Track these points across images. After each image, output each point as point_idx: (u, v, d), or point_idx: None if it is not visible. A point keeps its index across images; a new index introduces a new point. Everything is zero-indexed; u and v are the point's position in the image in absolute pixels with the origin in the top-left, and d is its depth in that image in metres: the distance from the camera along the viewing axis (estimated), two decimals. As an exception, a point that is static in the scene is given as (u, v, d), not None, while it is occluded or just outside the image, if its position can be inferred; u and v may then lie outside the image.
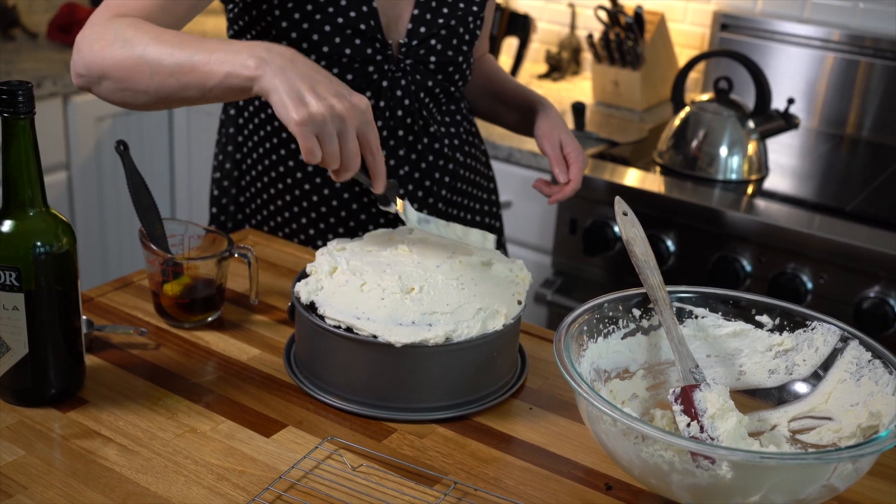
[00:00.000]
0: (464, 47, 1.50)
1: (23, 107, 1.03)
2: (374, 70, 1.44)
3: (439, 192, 1.57)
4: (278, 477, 1.02)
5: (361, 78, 1.44)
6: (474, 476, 1.05)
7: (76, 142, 2.66)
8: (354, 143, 1.06)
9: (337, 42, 1.40)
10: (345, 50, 1.41)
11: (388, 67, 1.45)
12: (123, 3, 1.23)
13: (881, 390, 1.02)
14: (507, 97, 1.64)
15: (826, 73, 2.52)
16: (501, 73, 1.70)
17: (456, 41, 1.49)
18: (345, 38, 1.40)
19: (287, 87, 1.03)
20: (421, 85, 1.48)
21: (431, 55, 1.47)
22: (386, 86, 1.46)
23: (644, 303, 1.13)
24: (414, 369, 1.13)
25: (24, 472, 1.01)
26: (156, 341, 1.28)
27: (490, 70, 1.70)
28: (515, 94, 1.63)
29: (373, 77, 1.44)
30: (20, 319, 1.08)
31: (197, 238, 1.35)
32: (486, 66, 1.70)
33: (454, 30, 1.48)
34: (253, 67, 1.06)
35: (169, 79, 1.12)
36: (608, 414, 0.92)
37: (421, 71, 1.47)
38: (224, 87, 1.09)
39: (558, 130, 1.48)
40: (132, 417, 1.12)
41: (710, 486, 0.91)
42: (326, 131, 1.03)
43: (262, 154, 1.55)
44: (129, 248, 2.88)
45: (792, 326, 1.12)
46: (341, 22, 1.39)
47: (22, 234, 1.06)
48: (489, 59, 1.73)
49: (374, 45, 1.42)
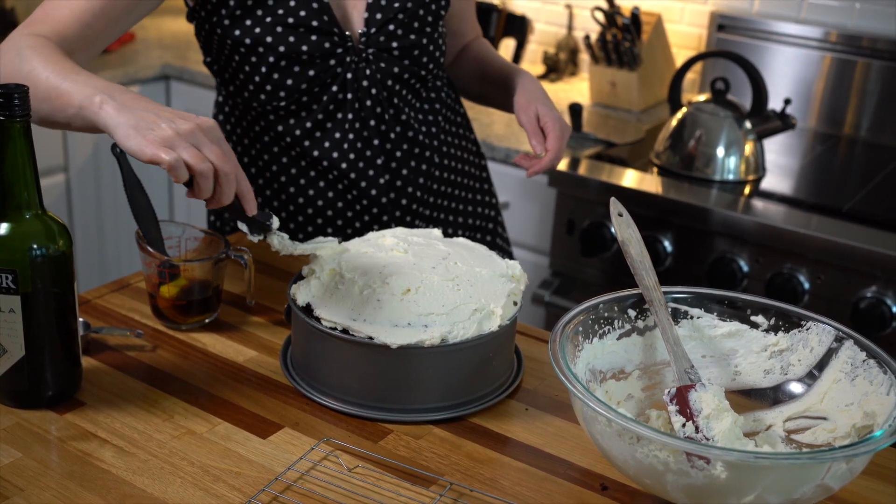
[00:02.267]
0: (427, 28, 1.48)
1: (18, 109, 1.03)
2: (336, 63, 1.43)
3: (416, 182, 1.56)
4: (274, 478, 1.03)
5: (325, 73, 1.43)
6: (470, 477, 1.05)
7: (74, 144, 2.67)
8: (215, 152, 1.04)
9: (292, 41, 1.40)
10: (301, 47, 1.40)
11: (350, 59, 1.44)
12: (46, 15, 1.27)
13: (876, 390, 1.02)
14: (492, 75, 1.63)
15: (823, 74, 2.52)
16: (490, 53, 1.67)
17: (417, 24, 1.47)
18: (299, 35, 1.40)
19: (131, 121, 1.04)
20: (387, 72, 1.47)
21: (393, 41, 1.46)
22: (350, 77, 1.45)
23: (639, 303, 1.13)
24: (410, 370, 1.13)
25: (20, 475, 1.02)
26: (152, 343, 1.28)
27: (480, 52, 1.68)
28: (500, 72, 1.61)
29: (336, 70, 1.44)
30: (17, 322, 1.08)
31: (194, 240, 1.35)
32: (475, 48, 1.69)
33: (412, 12, 1.46)
34: (98, 103, 1.07)
35: (42, 102, 1.15)
36: (603, 415, 0.93)
37: (385, 59, 1.46)
38: (81, 118, 1.11)
39: (535, 102, 1.45)
40: (129, 419, 1.12)
41: (704, 486, 0.91)
42: (181, 145, 1.02)
43: (249, 162, 1.57)
44: (126, 250, 2.88)
45: (787, 326, 1.12)
46: (292, 21, 1.39)
47: (18, 237, 1.07)
48: (481, 42, 1.70)
49: (331, 38, 1.42)
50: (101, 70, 2.69)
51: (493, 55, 1.67)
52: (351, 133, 1.50)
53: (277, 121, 1.49)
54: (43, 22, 1.26)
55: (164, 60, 2.83)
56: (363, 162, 1.51)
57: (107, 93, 1.08)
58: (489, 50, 1.68)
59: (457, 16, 1.63)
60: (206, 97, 2.77)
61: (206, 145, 1.04)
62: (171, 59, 2.84)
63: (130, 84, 2.77)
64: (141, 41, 3.03)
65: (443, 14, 1.51)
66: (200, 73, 2.75)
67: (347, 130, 1.50)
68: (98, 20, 1.28)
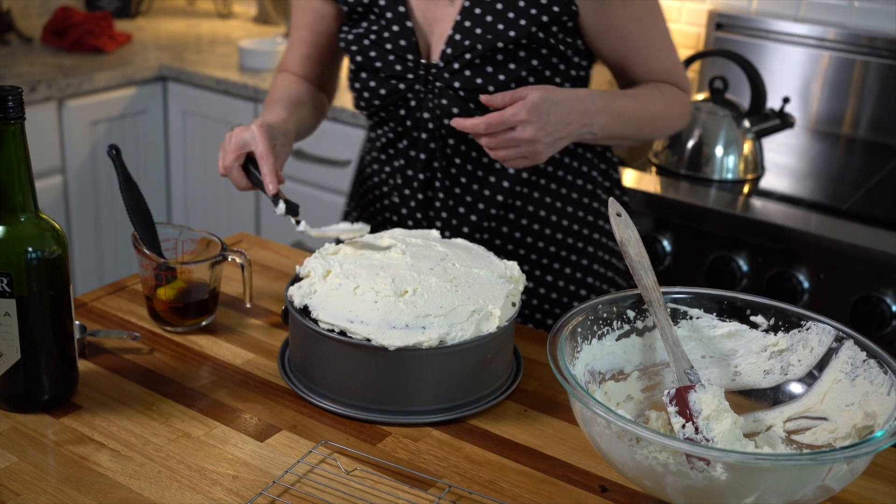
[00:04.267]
0: (500, 76, 1.38)
1: (13, 112, 1.03)
2: (405, 88, 1.42)
3: (459, 232, 1.48)
4: (272, 482, 1.02)
5: (395, 94, 1.43)
6: (469, 479, 1.05)
7: (71, 146, 2.66)
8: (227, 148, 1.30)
9: (372, 55, 1.43)
10: (376, 63, 1.43)
11: (418, 87, 1.42)
12: (285, 59, 1.60)
13: (876, 390, 1.01)
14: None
15: (822, 72, 2.51)
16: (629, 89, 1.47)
17: (492, 67, 1.38)
18: (379, 52, 1.43)
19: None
20: (446, 110, 1.41)
21: (457, 80, 1.39)
22: (414, 106, 1.43)
23: (638, 304, 1.13)
24: (408, 372, 1.13)
25: (16, 479, 1.01)
26: (149, 346, 1.28)
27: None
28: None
29: (406, 95, 1.43)
30: (12, 325, 1.08)
31: (190, 242, 1.35)
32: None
33: (490, 59, 1.38)
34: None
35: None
36: (602, 416, 0.92)
37: (449, 96, 1.40)
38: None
39: (536, 91, 1.30)
40: (125, 423, 1.11)
41: (704, 487, 0.91)
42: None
43: (368, 162, 1.59)
44: (124, 253, 2.88)
45: (787, 326, 1.12)
46: (375, 38, 1.43)
47: (13, 240, 1.06)
48: (662, 88, 1.46)
49: (405, 62, 1.42)
50: (100, 71, 2.68)
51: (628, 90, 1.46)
52: (404, 160, 1.49)
53: (370, 129, 1.56)
54: (282, 64, 1.60)
55: (161, 61, 2.82)
56: (407, 191, 1.49)
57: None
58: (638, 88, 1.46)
59: (615, 57, 1.44)
60: (203, 98, 2.77)
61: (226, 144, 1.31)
62: (168, 61, 2.83)
63: (128, 85, 2.76)
64: (138, 42, 3.03)
65: (532, 63, 1.38)
66: (197, 74, 2.74)
67: (403, 158, 1.49)
68: (311, 67, 1.57)
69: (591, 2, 1.37)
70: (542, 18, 1.36)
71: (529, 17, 1.36)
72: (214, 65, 2.81)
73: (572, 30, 1.40)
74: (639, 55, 1.43)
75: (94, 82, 2.66)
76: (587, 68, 1.47)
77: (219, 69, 2.76)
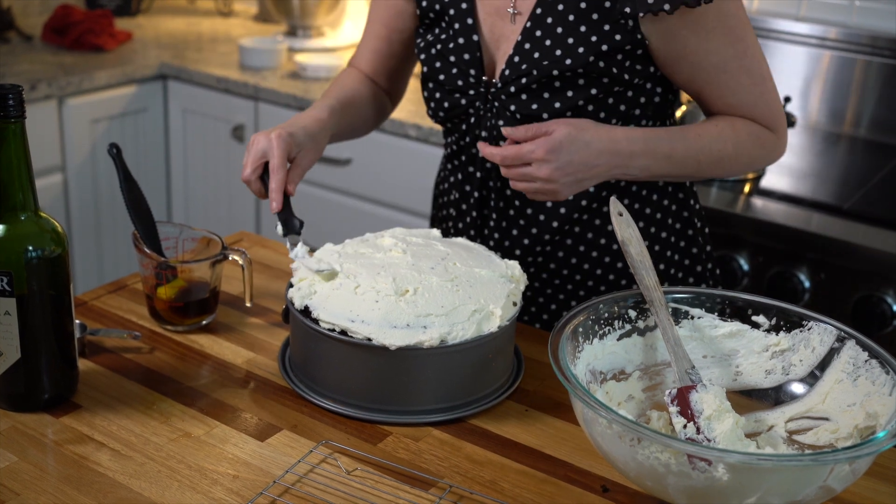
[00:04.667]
0: (556, 104, 1.30)
1: (13, 110, 1.03)
2: (466, 104, 1.37)
3: (526, 247, 1.42)
4: (273, 482, 1.02)
5: (457, 108, 1.39)
6: (470, 479, 1.05)
7: (71, 144, 2.66)
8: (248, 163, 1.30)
9: (437, 66, 1.39)
10: (440, 76, 1.38)
11: (478, 104, 1.37)
12: (355, 53, 1.57)
13: (878, 390, 1.01)
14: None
15: (823, 71, 2.51)
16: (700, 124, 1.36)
17: (548, 95, 1.30)
18: (444, 63, 1.38)
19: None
20: (502, 132, 1.33)
21: (513, 103, 1.33)
22: (473, 122, 1.38)
23: (640, 304, 1.13)
24: (409, 372, 1.13)
25: (16, 479, 1.01)
26: (150, 345, 1.28)
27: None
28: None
29: (468, 111, 1.38)
30: (12, 324, 1.07)
31: (191, 241, 1.35)
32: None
33: (547, 85, 1.30)
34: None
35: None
36: (604, 416, 0.92)
37: (505, 117, 1.34)
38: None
39: (564, 126, 1.25)
40: (126, 422, 1.11)
41: (706, 488, 0.90)
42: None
43: (440, 170, 1.56)
44: (124, 251, 2.88)
45: (788, 326, 1.12)
46: (441, 48, 1.38)
47: (13, 239, 1.06)
48: (738, 125, 1.34)
49: (466, 78, 1.36)
50: (100, 69, 2.68)
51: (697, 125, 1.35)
52: (461, 175, 1.45)
53: (444, 136, 1.51)
54: (352, 60, 1.57)
55: (161, 60, 2.82)
56: (464, 206, 1.46)
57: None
58: (706, 123, 1.35)
59: (690, 87, 1.34)
60: (203, 96, 2.76)
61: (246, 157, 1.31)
62: (168, 59, 2.83)
63: (128, 83, 2.76)
64: (138, 41, 3.02)
65: (591, 91, 1.30)
66: (198, 73, 2.74)
67: (461, 173, 1.45)
68: (381, 62, 1.53)
69: (660, 31, 1.26)
70: (602, 47, 1.27)
71: (589, 44, 1.27)
72: (215, 63, 2.80)
73: (642, 57, 1.29)
74: (714, 87, 1.31)
75: (95, 80, 2.66)
76: (663, 94, 1.36)
77: (219, 67, 2.76)
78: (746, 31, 1.29)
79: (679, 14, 1.23)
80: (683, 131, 1.32)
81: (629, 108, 1.33)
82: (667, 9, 1.21)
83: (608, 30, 1.27)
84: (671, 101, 1.39)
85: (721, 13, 1.25)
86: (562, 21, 1.28)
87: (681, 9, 1.22)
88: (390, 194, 2.49)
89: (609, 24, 1.26)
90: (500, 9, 1.35)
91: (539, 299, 1.44)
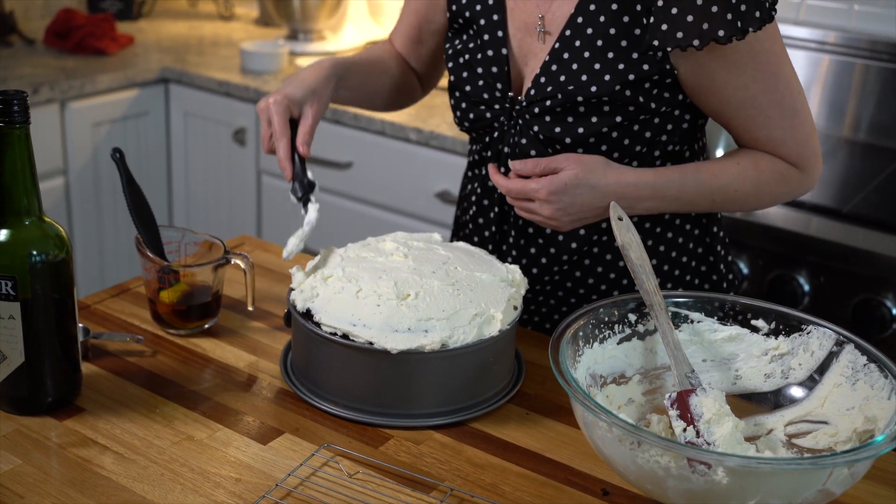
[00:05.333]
0: (580, 129, 1.27)
1: (18, 116, 1.03)
2: (491, 118, 1.36)
3: (543, 265, 1.40)
4: (275, 485, 1.02)
5: (481, 121, 1.37)
6: (471, 482, 1.05)
7: (73, 148, 2.66)
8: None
9: (464, 76, 1.37)
10: (465, 87, 1.37)
11: (503, 119, 1.35)
12: (392, 30, 1.57)
13: (877, 394, 1.02)
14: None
15: (822, 76, 2.52)
16: (717, 162, 1.32)
17: (572, 119, 1.27)
18: (471, 74, 1.36)
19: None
20: (524, 150, 1.33)
21: (536, 125, 1.30)
22: (497, 137, 1.37)
23: (640, 308, 1.13)
24: (410, 375, 1.13)
25: (20, 482, 1.01)
26: (152, 349, 1.28)
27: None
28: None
29: (493, 124, 1.36)
30: (16, 328, 1.08)
31: (193, 245, 1.35)
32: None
33: (572, 109, 1.27)
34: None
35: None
36: (604, 420, 0.93)
37: (529, 136, 1.32)
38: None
39: (573, 163, 1.24)
40: (129, 425, 1.12)
41: (706, 491, 0.91)
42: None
43: (464, 176, 1.53)
44: (126, 255, 2.88)
45: (787, 330, 1.12)
46: (469, 57, 1.36)
47: (17, 243, 1.07)
48: (762, 163, 1.30)
49: (492, 91, 1.34)
50: (102, 73, 2.69)
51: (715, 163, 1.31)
52: (482, 188, 1.43)
53: (470, 143, 1.50)
54: (390, 34, 1.58)
55: (163, 63, 2.83)
56: (481, 219, 1.44)
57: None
58: (727, 160, 1.31)
59: (717, 118, 1.31)
60: (205, 100, 2.77)
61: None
62: (170, 62, 2.84)
63: (130, 87, 2.77)
64: (140, 44, 3.03)
65: (616, 119, 1.26)
66: (199, 76, 2.75)
67: (481, 186, 1.43)
68: (412, 48, 1.53)
69: (689, 63, 1.23)
70: (629, 76, 1.24)
71: (616, 72, 1.24)
72: (216, 67, 2.81)
73: (671, 86, 1.26)
74: (742, 121, 1.28)
75: (97, 84, 2.67)
76: (692, 120, 1.32)
77: (220, 71, 2.77)
78: (781, 65, 1.24)
79: (709, 49, 1.20)
80: (699, 171, 1.29)
81: (655, 134, 1.29)
82: (696, 45, 1.18)
83: (636, 58, 1.24)
84: (700, 126, 1.37)
85: (753, 49, 1.21)
86: (590, 45, 1.26)
87: (711, 44, 1.19)
88: (391, 198, 2.49)
89: (637, 53, 1.23)
90: (529, 25, 1.33)
91: (555, 316, 1.43)
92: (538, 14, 1.31)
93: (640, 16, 1.22)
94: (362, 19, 3.10)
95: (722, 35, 1.17)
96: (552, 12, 1.30)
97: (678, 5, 1.18)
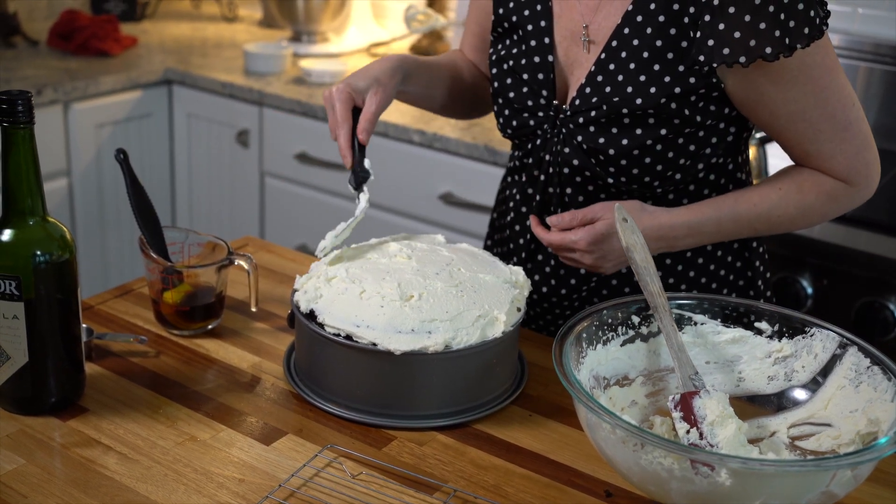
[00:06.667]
0: (623, 140, 1.26)
1: (22, 116, 1.03)
2: (534, 125, 1.34)
3: (557, 291, 1.40)
4: (278, 485, 1.03)
5: (524, 128, 1.35)
6: (474, 483, 1.05)
7: (77, 149, 2.67)
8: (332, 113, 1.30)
9: (508, 83, 1.35)
10: (509, 94, 1.35)
11: (546, 127, 1.33)
12: (462, 38, 1.57)
13: (880, 397, 1.02)
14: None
15: (825, 78, 2.52)
16: (754, 189, 1.32)
17: (616, 131, 1.26)
18: (515, 80, 1.35)
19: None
20: (567, 160, 1.31)
21: (579, 135, 1.29)
22: (539, 144, 1.35)
23: (643, 309, 1.13)
24: (413, 377, 1.13)
25: (24, 482, 1.01)
26: (156, 349, 1.28)
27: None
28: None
29: (536, 132, 1.35)
30: (20, 328, 1.08)
31: (197, 246, 1.35)
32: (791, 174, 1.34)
33: (616, 121, 1.26)
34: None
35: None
36: (607, 421, 0.93)
37: (572, 146, 1.30)
38: None
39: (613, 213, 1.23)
40: (132, 426, 1.12)
41: (709, 493, 0.91)
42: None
43: (503, 180, 1.52)
44: (129, 256, 2.88)
45: (791, 333, 1.12)
46: (512, 63, 1.35)
47: (22, 244, 1.07)
48: (806, 183, 1.30)
49: (537, 99, 1.33)
50: (105, 74, 2.69)
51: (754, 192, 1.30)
52: (520, 195, 1.41)
53: (511, 149, 1.48)
54: (460, 44, 1.58)
55: (166, 65, 2.83)
56: (518, 227, 1.42)
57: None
58: (769, 187, 1.30)
59: (767, 131, 1.29)
60: (208, 101, 2.77)
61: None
62: (173, 64, 2.84)
63: (133, 88, 2.77)
64: (143, 46, 3.04)
65: (661, 132, 1.25)
66: (203, 78, 2.75)
67: (520, 193, 1.41)
68: (476, 55, 1.53)
69: (736, 78, 1.21)
70: (675, 90, 1.22)
71: (662, 85, 1.22)
72: (220, 68, 2.81)
73: (718, 99, 1.24)
74: (792, 134, 1.26)
75: (100, 85, 2.67)
76: (737, 133, 1.31)
77: (224, 73, 2.77)
78: (832, 77, 1.22)
79: (756, 66, 1.18)
80: (737, 203, 1.28)
81: (700, 147, 1.27)
82: (742, 62, 1.17)
83: (682, 71, 1.22)
84: (745, 138, 1.35)
85: (803, 64, 1.19)
86: (636, 57, 1.24)
87: (757, 61, 1.17)
88: (394, 199, 2.49)
89: (684, 66, 1.22)
90: (574, 34, 1.31)
91: (559, 321, 1.42)
92: (583, 24, 1.30)
93: (687, 28, 1.21)
94: (366, 21, 3.11)
95: (769, 52, 1.15)
96: (597, 22, 1.29)
97: (725, 21, 1.16)
